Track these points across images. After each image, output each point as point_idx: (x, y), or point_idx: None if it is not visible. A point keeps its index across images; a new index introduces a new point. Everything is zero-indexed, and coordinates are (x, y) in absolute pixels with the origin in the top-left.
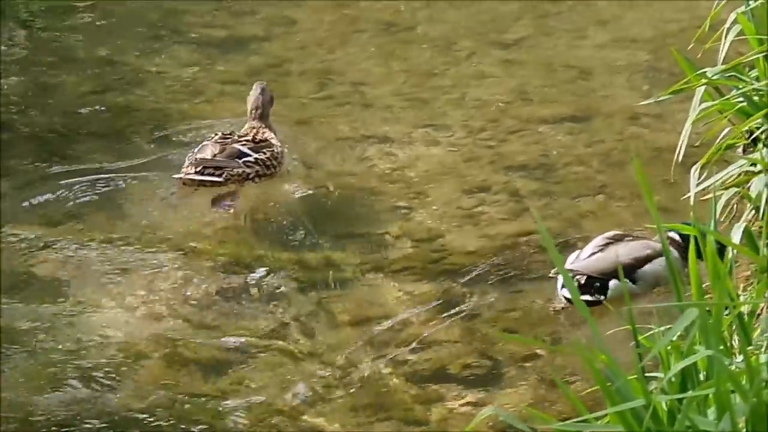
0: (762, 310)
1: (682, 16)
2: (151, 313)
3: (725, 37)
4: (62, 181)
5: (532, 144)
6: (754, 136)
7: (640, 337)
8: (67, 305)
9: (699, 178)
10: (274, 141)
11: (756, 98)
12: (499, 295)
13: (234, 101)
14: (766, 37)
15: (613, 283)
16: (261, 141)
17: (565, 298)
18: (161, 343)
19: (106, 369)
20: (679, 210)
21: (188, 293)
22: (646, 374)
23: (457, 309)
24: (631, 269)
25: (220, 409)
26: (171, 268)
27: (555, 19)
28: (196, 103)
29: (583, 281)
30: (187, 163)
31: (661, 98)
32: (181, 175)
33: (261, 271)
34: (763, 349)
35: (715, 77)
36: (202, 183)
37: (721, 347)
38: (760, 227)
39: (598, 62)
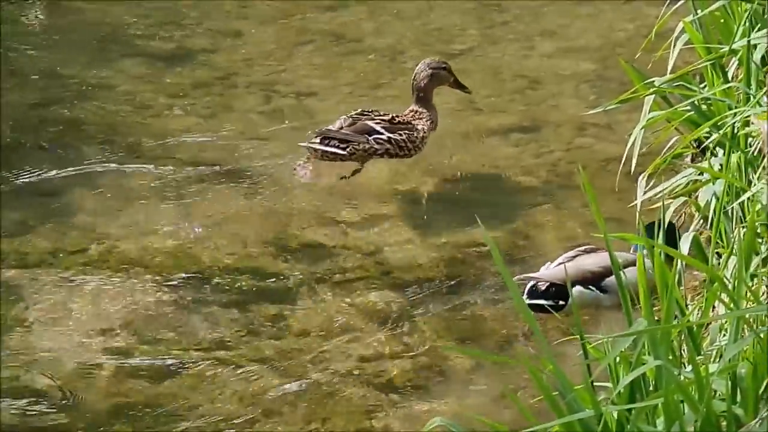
0: None
1: (629, 25)
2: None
3: (673, 46)
4: (9, 193)
5: (480, 155)
6: (702, 145)
7: (589, 347)
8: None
9: (647, 188)
10: (419, 126)
11: (704, 107)
12: (448, 306)
13: (180, 114)
14: (713, 45)
15: (576, 289)
16: (401, 123)
17: (529, 305)
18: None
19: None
20: (628, 220)
21: (132, 306)
22: (595, 384)
23: (405, 320)
24: (599, 278)
25: (172, 420)
26: (115, 284)
27: (501, 30)
28: (144, 117)
29: (543, 287)
30: (311, 133)
31: (608, 107)
32: (305, 143)
33: (207, 284)
34: (712, 359)
35: (663, 86)
36: (324, 153)
37: (670, 357)
38: (709, 236)
39: (546, 72)
